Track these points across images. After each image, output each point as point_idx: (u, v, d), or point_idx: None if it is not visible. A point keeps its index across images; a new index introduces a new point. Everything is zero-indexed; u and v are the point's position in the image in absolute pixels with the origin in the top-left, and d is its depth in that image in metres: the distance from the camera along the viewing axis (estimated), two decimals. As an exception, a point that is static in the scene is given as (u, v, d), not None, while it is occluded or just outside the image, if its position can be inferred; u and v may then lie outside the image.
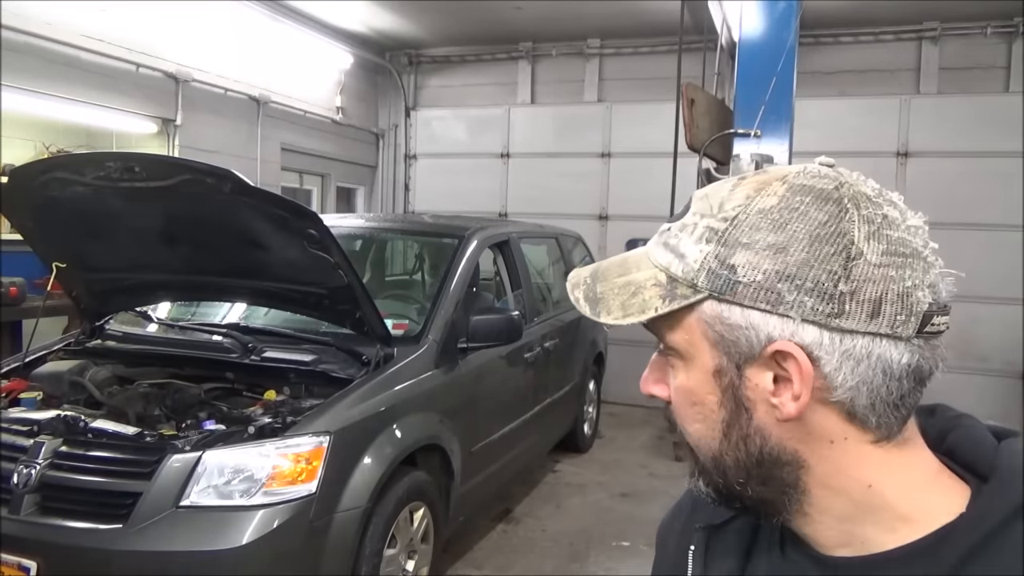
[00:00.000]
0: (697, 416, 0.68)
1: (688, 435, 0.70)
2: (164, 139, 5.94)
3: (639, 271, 0.68)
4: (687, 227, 0.66)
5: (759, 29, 4.69)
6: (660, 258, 0.67)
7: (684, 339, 0.67)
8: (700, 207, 0.67)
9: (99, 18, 5.25)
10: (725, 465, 0.68)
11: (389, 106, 8.77)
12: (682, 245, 0.65)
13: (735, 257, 0.62)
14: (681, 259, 0.65)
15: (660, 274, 0.66)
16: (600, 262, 0.74)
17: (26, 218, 3.19)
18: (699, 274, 0.63)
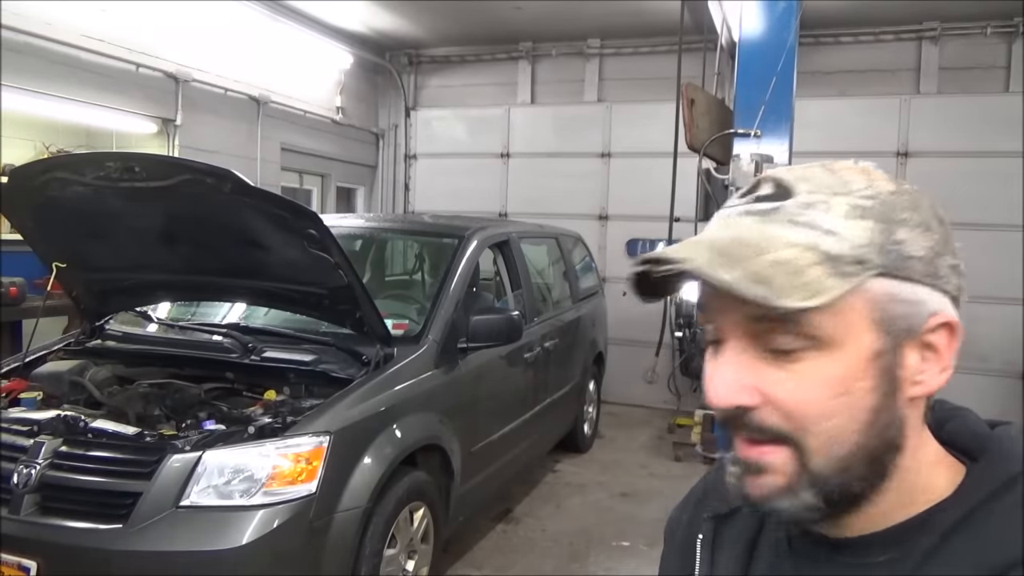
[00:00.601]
0: (838, 409, 0.62)
1: (812, 436, 0.63)
2: (164, 139, 5.94)
3: (776, 250, 0.61)
4: (813, 205, 0.63)
5: (759, 29, 4.69)
6: (796, 236, 0.62)
7: (838, 323, 0.62)
8: (816, 185, 0.65)
9: (99, 18, 5.25)
10: (856, 460, 0.63)
11: (389, 106, 8.77)
12: (824, 222, 0.62)
13: (899, 233, 0.63)
14: (833, 236, 0.62)
15: (807, 252, 0.61)
16: (696, 239, 0.66)
17: (26, 218, 3.19)
18: (867, 250, 0.62)
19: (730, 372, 0.65)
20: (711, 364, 0.68)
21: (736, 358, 0.65)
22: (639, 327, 6.93)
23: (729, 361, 0.65)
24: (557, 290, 5.57)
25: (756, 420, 0.64)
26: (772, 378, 0.63)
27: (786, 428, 0.63)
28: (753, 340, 0.64)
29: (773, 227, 0.63)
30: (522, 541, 4.29)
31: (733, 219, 0.67)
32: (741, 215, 0.66)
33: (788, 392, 0.63)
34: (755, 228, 0.64)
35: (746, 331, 0.64)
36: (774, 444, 0.63)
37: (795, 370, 0.63)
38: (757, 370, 0.64)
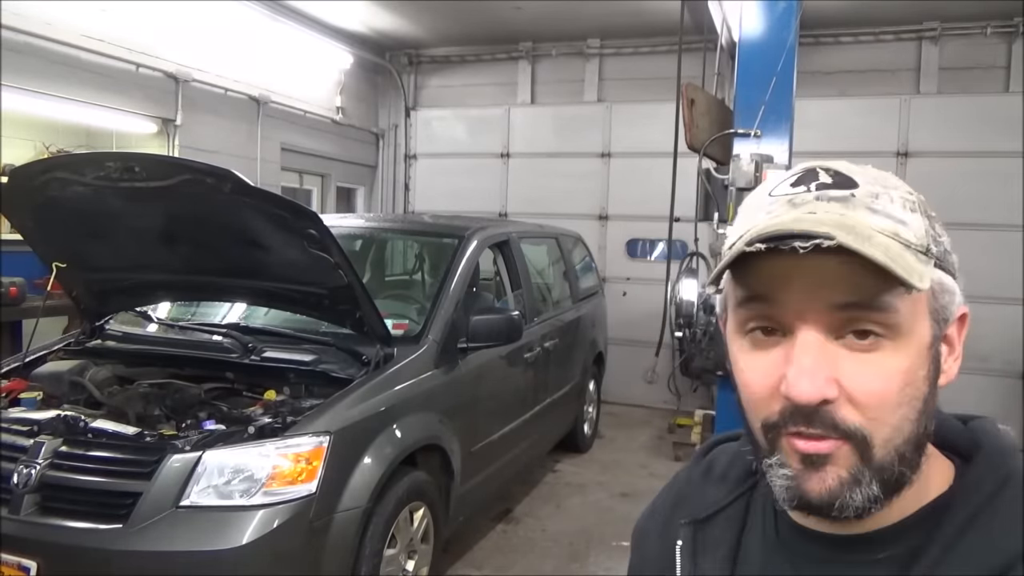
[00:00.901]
0: (904, 398, 0.62)
1: (881, 429, 0.62)
2: (164, 139, 5.94)
3: (875, 236, 0.61)
4: (879, 196, 0.63)
5: (759, 29, 4.69)
6: (878, 223, 0.62)
7: (911, 311, 0.62)
8: (870, 178, 0.65)
9: (99, 18, 5.25)
10: (909, 449, 0.63)
11: (389, 106, 8.77)
12: (894, 211, 0.63)
13: (936, 227, 0.66)
14: (905, 226, 0.62)
15: (893, 240, 0.61)
16: (797, 217, 0.63)
17: (26, 218, 3.19)
18: (928, 240, 0.63)
19: (812, 362, 0.61)
20: (761, 355, 0.65)
21: (817, 348, 0.62)
22: (639, 327, 6.94)
23: (809, 350, 0.61)
24: (557, 290, 5.57)
25: (831, 415, 0.61)
26: (851, 370, 0.61)
27: (860, 423, 0.61)
28: (831, 330, 0.62)
29: (857, 213, 0.62)
30: (522, 541, 4.29)
31: (808, 203, 0.63)
32: (815, 200, 0.63)
33: (868, 384, 0.61)
34: (838, 212, 0.62)
35: (825, 320, 0.62)
36: (840, 439, 0.61)
37: (872, 361, 0.61)
38: (835, 361, 0.61)
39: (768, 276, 0.62)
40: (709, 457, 0.89)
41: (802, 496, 0.63)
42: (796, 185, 0.65)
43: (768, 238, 0.60)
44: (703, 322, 5.18)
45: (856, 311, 0.61)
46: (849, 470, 0.62)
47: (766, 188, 0.68)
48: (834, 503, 0.62)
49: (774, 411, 0.63)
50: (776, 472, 0.64)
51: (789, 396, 0.61)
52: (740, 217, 0.69)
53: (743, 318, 0.66)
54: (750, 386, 0.65)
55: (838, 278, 0.60)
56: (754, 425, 0.66)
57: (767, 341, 0.65)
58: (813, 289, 0.61)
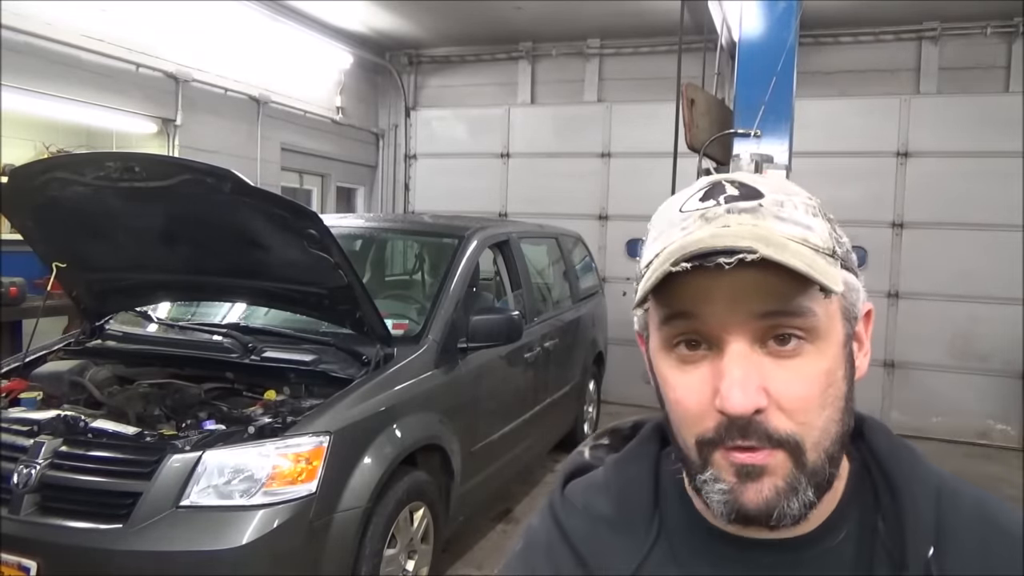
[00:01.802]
0: (828, 399, 0.64)
1: (810, 433, 0.63)
2: (164, 139, 5.94)
3: (788, 244, 0.62)
4: (784, 204, 0.65)
5: (759, 29, 4.69)
6: (788, 230, 0.63)
7: (826, 313, 0.64)
8: (771, 187, 0.67)
9: (99, 18, 5.25)
10: (836, 450, 0.65)
11: (389, 106, 8.77)
12: (799, 217, 0.65)
13: (836, 229, 0.68)
14: (811, 231, 0.64)
15: (804, 246, 0.63)
16: (717, 232, 0.63)
17: (26, 218, 3.19)
18: (832, 243, 0.66)
19: (742, 374, 0.62)
20: (690, 370, 0.65)
21: (745, 359, 0.62)
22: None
23: (738, 362, 0.62)
24: (557, 290, 5.57)
25: (763, 425, 0.62)
26: (777, 377, 0.62)
27: (791, 429, 0.62)
28: (755, 339, 0.63)
29: (766, 222, 0.64)
30: (522, 541, 4.29)
31: (720, 216, 0.65)
32: (726, 213, 0.65)
33: (794, 389, 0.62)
34: (750, 223, 0.63)
35: (749, 329, 0.63)
36: (773, 448, 0.62)
37: (795, 366, 0.63)
38: (762, 370, 0.62)
39: (690, 292, 0.63)
40: (580, 503, 0.78)
41: (740, 509, 0.63)
42: (705, 199, 0.67)
43: (692, 256, 0.60)
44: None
45: (778, 318, 0.62)
46: (785, 479, 0.62)
47: (675, 204, 0.69)
48: (772, 513, 0.62)
49: (708, 427, 0.63)
50: (711, 487, 0.64)
51: (724, 410, 0.61)
52: (653, 234, 0.69)
53: (668, 335, 0.66)
54: (682, 403, 0.65)
55: (757, 288, 0.61)
56: (687, 442, 0.66)
57: (693, 356, 0.65)
58: (735, 301, 0.62)
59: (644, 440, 0.81)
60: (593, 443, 0.88)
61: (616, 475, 0.78)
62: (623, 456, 0.81)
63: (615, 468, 0.80)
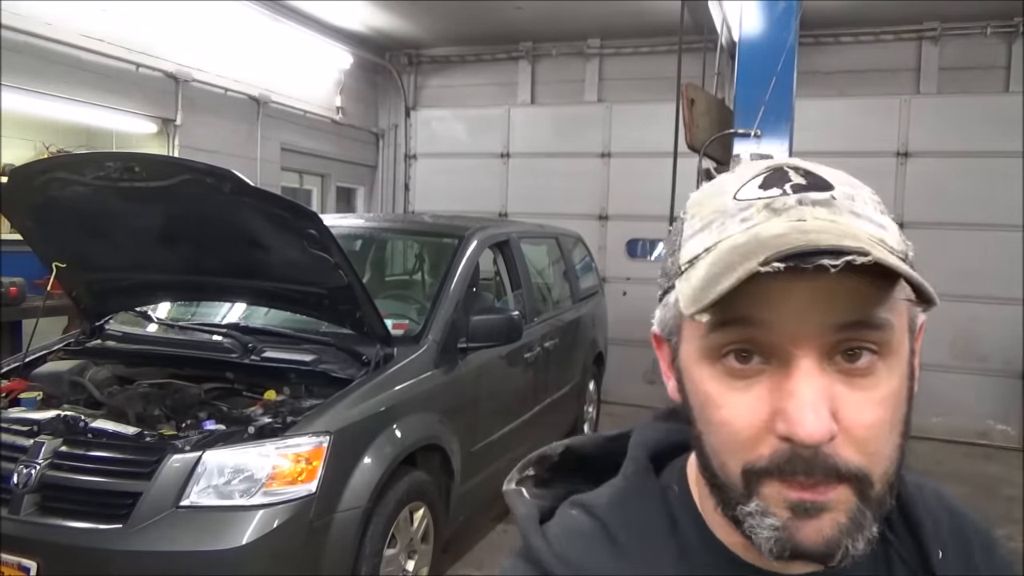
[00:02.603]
0: (896, 423, 0.56)
1: (880, 461, 0.55)
2: (164, 139, 5.94)
3: (874, 245, 0.54)
4: (855, 198, 0.57)
5: (759, 29, 4.69)
6: (867, 228, 0.55)
7: (900, 326, 0.56)
8: (837, 178, 0.59)
9: (99, 18, 5.25)
10: (896, 475, 0.57)
11: (389, 106, 8.77)
12: (873, 215, 0.57)
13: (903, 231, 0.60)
14: (885, 231, 0.56)
15: (877, 246, 0.53)
16: (803, 228, 0.54)
17: (26, 218, 3.19)
18: (904, 245, 0.58)
19: (815, 395, 0.53)
20: (743, 387, 0.55)
21: (816, 377, 0.53)
22: (639, 327, 6.91)
23: (809, 381, 0.53)
24: (557, 290, 5.57)
25: (832, 459, 0.53)
26: (848, 400, 0.54)
27: (861, 463, 0.54)
28: (824, 354, 0.54)
29: (844, 218, 0.55)
30: (522, 541, 4.29)
31: (791, 208, 0.56)
32: (798, 204, 0.56)
33: (866, 415, 0.54)
34: (828, 218, 0.55)
35: (822, 343, 0.54)
36: (837, 482, 0.53)
37: (866, 386, 0.54)
38: (832, 392, 0.54)
39: (753, 295, 0.52)
40: (571, 564, 0.65)
41: (795, 548, 0.54)
42: (767, 187, 0.58)
43: (788, 255, 0.50)
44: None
45: (855, 331, 0.54)
46: (848, 515, 0.54)
47: (725, 190, 0.60)
48: (834, 553, 0.54)
49: (761, 455, 0.54)
50: (758, 522, 0.55)
51: (794, 436, 0.52)
52: (696, 223, 0.60)
53: (715, 344, 0.56)
54: (731, 425, 0.56)
55: (836, 295, 0.53)
56: (731, 468, 0.56)
57: (747, 370, 0.55)
58: (810, 309, 0.53)
59: (639, 474, 0.70)
60: (519, 476, 0.77)
61: (621, 521, 0.66)
62: (619, 496, 0.68)
63: (616, 513, 0.67)
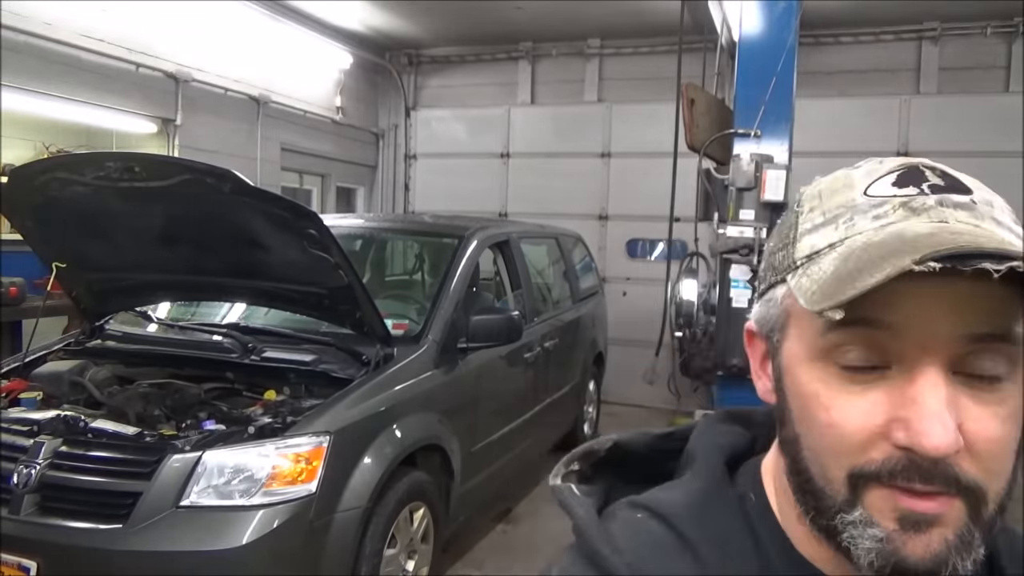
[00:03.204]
0: (1017, 444, 0.54)
1: (997, 480, 0.53)
2: (164, 139, 5.94)
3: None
4: (994, 204, 0.55)
5: (759, 29, 4.69)
6: (1009, 238, 0.53)
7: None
8: (974, 183, 0.57)
9: (99, 18, 5.25)
10: (1007, 498, 0.54)
11: (389, 106, 8.77)
12: (1012, 225, 0.55)
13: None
14: (1022, 240, 0.54)
15: None
16: (950, 229, 0.52)
17: (26, 218, 3.19)
18: None
19: (940, 406, 0.50)
20: (858, 390, 0.53)
21: (942, 389, 0.51)
22: (639, 327, 6.93)
23: (935, 392, 0.51)
24: (557, 290, 5.57)
25: (953, 469, 0.51)
26: (974, 414, 0.52)
27: (979, 476, 0.52)
28: (950, 365, 0.52)
29: (987, 224, 0.53)
30: (522, 541, 4.29)
31: (931, 209, 0.54)
32: (938, 205, 0.54)
33: (990, 431, 0.52)
34: (971, 222, 0.53)
35: (949, 353, 0.52)
36: (950, 495, 0.51)
37: (992, 402, 0.52)
38: (958, 404, 0.52)
39: (885, 295, 0.50)
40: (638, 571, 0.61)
41: (899, 563, 0.52)
42: (902, 185, 0.55)
43: (946, 256, 0.47)
44: (703, 322, 5.18)
45: (988, 343, 0.51)
46: (956, 532, 0.52)
47: (851, 184, 0.58)
48: (940, 572, 0.51)
49: (873, 459, 0.52)
50: (860, 531, 0.53)
51: (917, 447, 0.50)
52: (815, 216, 0.57)
53: (832, 343, 0.54)
54: (841, 427, 0.53)
55: (970, 303, 0.50)
56: (832, 473, 0.54)
57: (864, 375, 0.53)
58: (944, 315, 0.51)
59: (718, 482, 0.67)
60: (565, 470, 0.75)
61: (701, 532, 0.62)
62: (698, 504, 0.64)
63: (694, 522, 0.63)
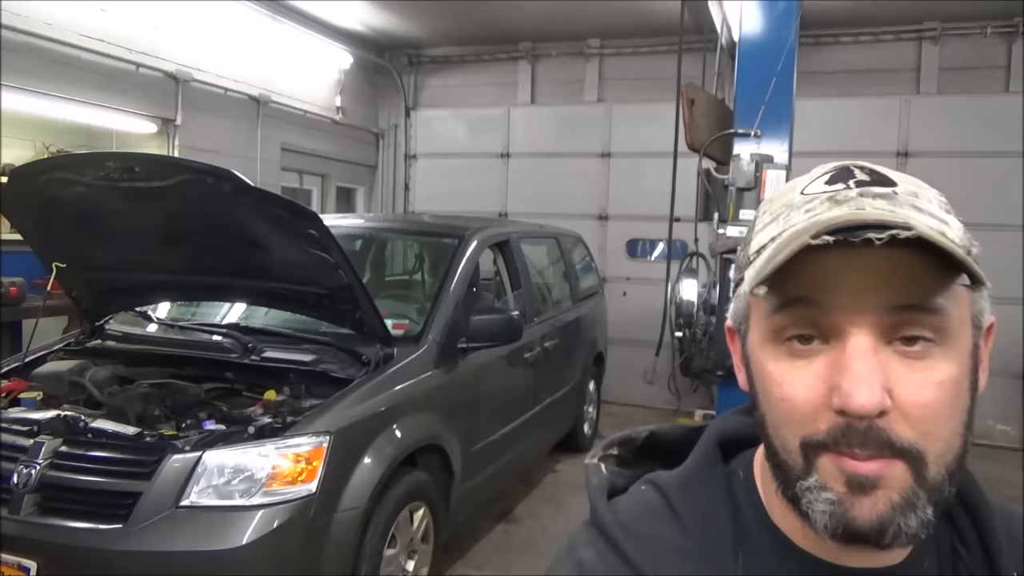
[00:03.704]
0: (955, 410, 0.58)
1: (934, 444, 0.57)
2: (164, 139, 5.94)
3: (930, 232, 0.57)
4: (919, 195, 0.61)
5: (759, 29, 4.69)
6: (927, 221, 0.58)
7: (959, 315, 0.58)
8: (902, 178, 0.62)
9: (99, 18, 5.25)
10: (957, 467, 0.58)
11: (389, 106, 8.77)
12: (936, 211, 0.60)
13: (967, 231, 0.62)
14: (947, 226, 0.59)
15: (942, 238, 0.56)
16: (854, 211, 0.58)
17: (26, 218, 3.19)
18: (967, 242, 0.60)
19: (868, 369, 0.55)
20: (802, 364, 0.58)
21: (870, 354, 0.56)
22: (639, 327, 6.94)
23: (863, 357, 0.56)
24: (557, 290, 5.57)
25: (886, 432, 0.55)
26: (904, 379, 0.56)
27: (913, 438, 0.56)
28: (881, 334, 0.57)
29: (904, 211, 0.58)
30: (522, 541, 4.29)
31: (852, 199, 0.59)
32: (859, 196, 0.59)
33: (920, 394, 0.56)
34: (887, 209, 0.58)
35: (877, 323, 0.56)
36: (891, 458, 0.56)
37: (923, 369, 0.57)
38: (887, 369, 0.56)
39: (812, 276, 0.57)
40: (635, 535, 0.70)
41: (848, 523, 0.56)
42: (832, 183, 0.61)
43: (837, 229, 0.54)
44: (703, 322, 5.18)
45: (910, 313, 0.56)
46: (902, 493, 0.56)
47: (794, 187, 0.64)
48: (886, 530, 0.56)
49: (819, 428, 0.57)
50: (816, 496, 0.58)
51: (846, 408, 0.55)
52: (766, 219, 0.64)
53: (778, 325, 0.60)
54: (791, 400, 0.58)
55: (892, 277, 0.56)
56: (789, 444, 0.59)
57: (806, 350, 0.59)
58: (865, 289, 0.56)
59: (708, 459, 0.74)
60: (602, 453, 0.82)
61: (686, 500, 0.70)
62: (687, 477, 0.72)
63: (682, 492, 0.71)
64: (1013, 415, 6.52)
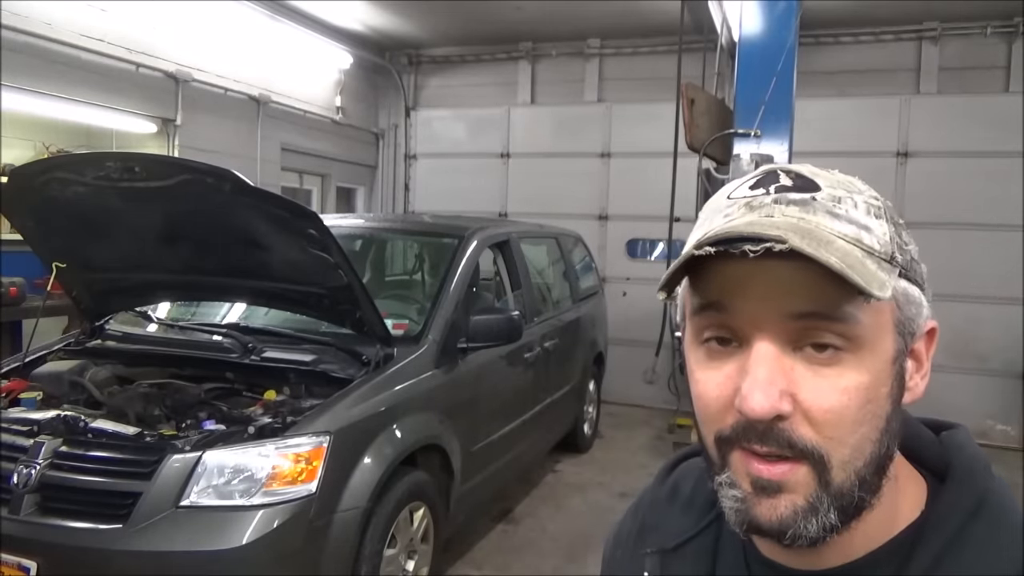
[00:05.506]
0: (865, 416, 0.58)
1: (839, 449, 0.58)
2: (164, 139, 5.94)
3: (835, 241, 0.57)
4: (841, 200, 0.60)
5: (759, 29, 4.69)
6: (840, 228, 0.59)
7: (874, 323, 0.58)
8: (832, 181, 0.62)
9: (99, 18, 5.25)
10: (869, 472, 0.59)
11: (389, 106, 8.77)
12: (857, 216, 0.60)
13: (903, 235, 0.63)
14: (868, 231, 0.59)
15: (854, 246, 0.58)
16: (752, 221, 0.59)
17: (26, 218, 3.19)
18: (893, 248, 0.60)
19: (766, 375, 0.57)
20: (717, 365, 0.61)
21: (772, 360, 0.58)
22: (639, 327, 6.94)
23: (764, 362, 0.58)
24: (557, 290, 5.57)
25: (787, 432, 0.57)
26: (809, 384, 0.58)
27: (816, 441, 0.57)
28: (788, 340, 0.58)
29: (815, 217, 0.59)
30: (522, 541, 4.29)
31: (765, 206, 0.60)
32: (772, 203, 0.60)
33: (825, 400, 0.57)
34: (797, 215, 0.59)
35: (782, 330, 0.58)
36: (795, 461, 0.58)
37: (830, 375, 0.58)
38: (791, 374, 0.58)
39: (722, 283, 0.59)
40: (674, 477, 0.84)
41: (751, 521, 0.60)
42: (755, 188, 0.62)
43: (716, 241, 0.56)
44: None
45: (814, 321, 0.57)
46: (806, 497, 0.58)
47: (726, 191, 0.65)
48: (786, 531, 0.58)
49: (727, 424, 0.60)
50: (726, 492, 0.61)
51: (742, 410, 0.57)
52: (699, 221, 0.66)
53: (698, 327, 0.62)
54: (703, 398, 0.62)
55: (795, 286, 0.57)
56: (707, 440, 0.63)
57: (723, 352, 0.61)
58: (769, 297, 0.58)
59: None
60: None
61: (689, 487, 0.81)
62: (701, 470, 0.77)
63: (694, 482, 0.81)
64: (1013, 415, 6.52)
